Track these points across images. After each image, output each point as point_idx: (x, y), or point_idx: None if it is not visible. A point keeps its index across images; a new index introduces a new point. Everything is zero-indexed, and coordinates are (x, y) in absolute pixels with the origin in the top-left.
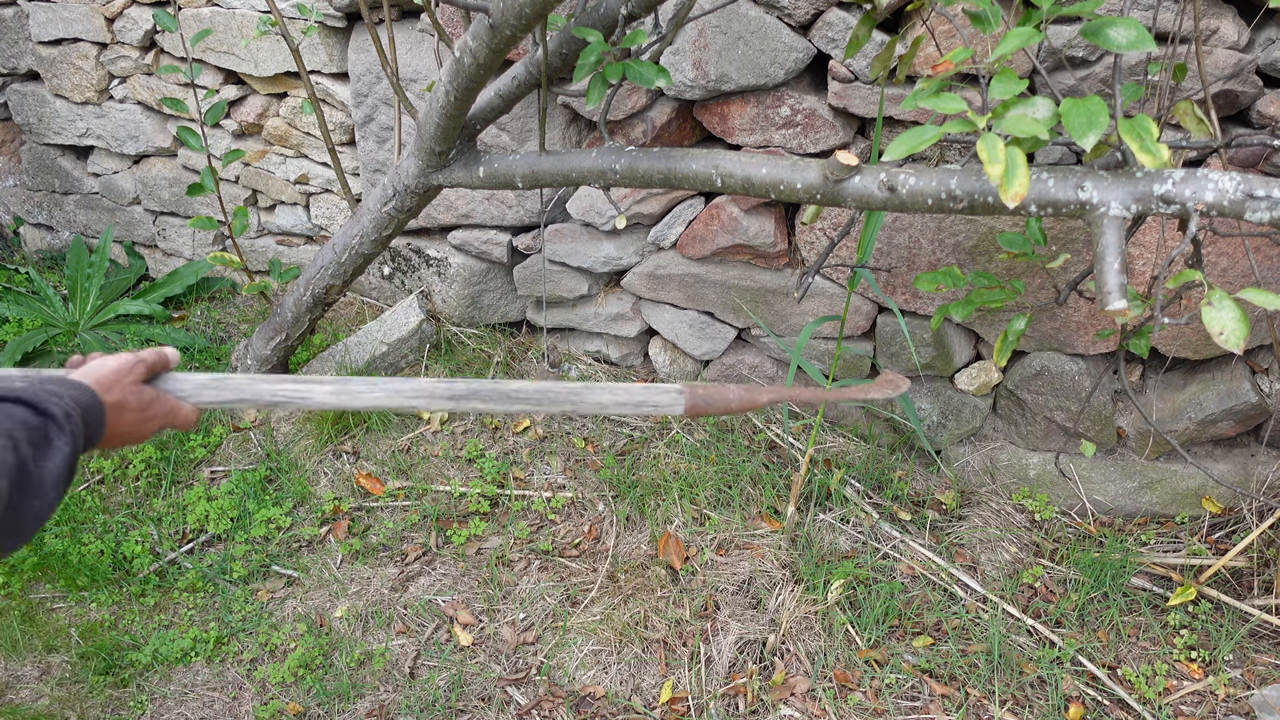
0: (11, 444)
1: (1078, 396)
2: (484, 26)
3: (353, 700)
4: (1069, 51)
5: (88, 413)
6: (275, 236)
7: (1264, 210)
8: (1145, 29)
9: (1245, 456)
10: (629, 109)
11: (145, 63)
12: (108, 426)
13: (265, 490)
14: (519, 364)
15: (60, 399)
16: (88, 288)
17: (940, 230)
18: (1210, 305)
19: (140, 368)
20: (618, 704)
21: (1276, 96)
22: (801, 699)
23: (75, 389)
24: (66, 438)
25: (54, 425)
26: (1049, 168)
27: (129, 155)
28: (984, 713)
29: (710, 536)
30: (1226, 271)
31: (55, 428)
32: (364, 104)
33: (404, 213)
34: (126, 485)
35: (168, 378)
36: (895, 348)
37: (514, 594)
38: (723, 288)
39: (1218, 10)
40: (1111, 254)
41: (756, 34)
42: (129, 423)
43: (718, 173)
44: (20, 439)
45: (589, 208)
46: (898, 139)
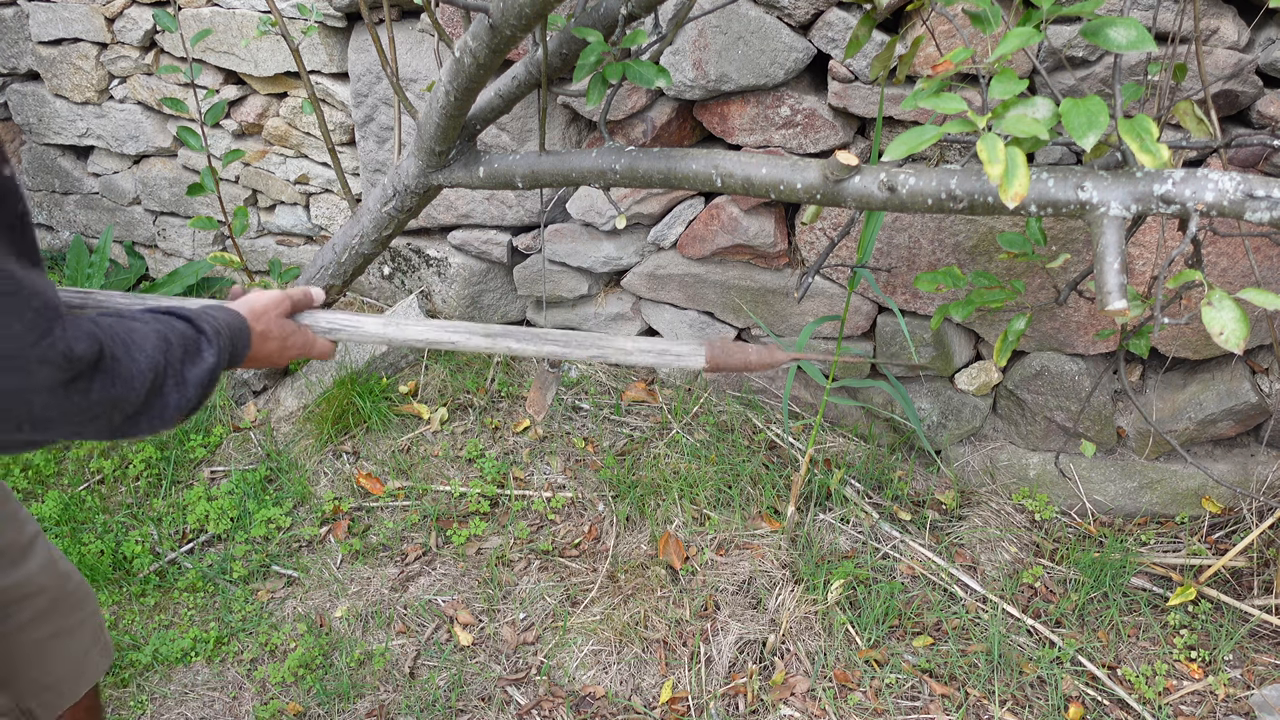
0: (166, 347)
1: (1078, 396)
2: (484, 26)
3: (353, 700)
4: (1069, 51)
5: (236, 335)
6: (275, 236)
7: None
8: (1145, 29)
9: (1245, 456)
10: (629, 109)
11: (145, 63)
12: (252, 349)
13: (265, 490)
14: (519, 364)
15: (214, 320)
16: (88, 288)
17: (940, 230)
18: (1210, 305)
19: (286, 303)
20: (618, 704)
21: (1276, 96)
22: (801, 699)
23: (229, 314)
24: (213, 350)
25: (205, 339)
26: (1049, 168)
27: (129, 155)
28: (984, 712)
29: (710, 536)
30: (1226, 271)
31: (205, 341)
32: (364, 104)
33: (404, 213)
34: (126, 485)
35: (309, 314)
36: (895, 348)
37: (514, 594)
38: (723, 288)
39: (1218, 10)
40: (1111, 254)
41: (756, 34)
42: (271, 349)
43: (718, 173)
44: (175, 344)
45: (589, 208)
46: (898, 139)
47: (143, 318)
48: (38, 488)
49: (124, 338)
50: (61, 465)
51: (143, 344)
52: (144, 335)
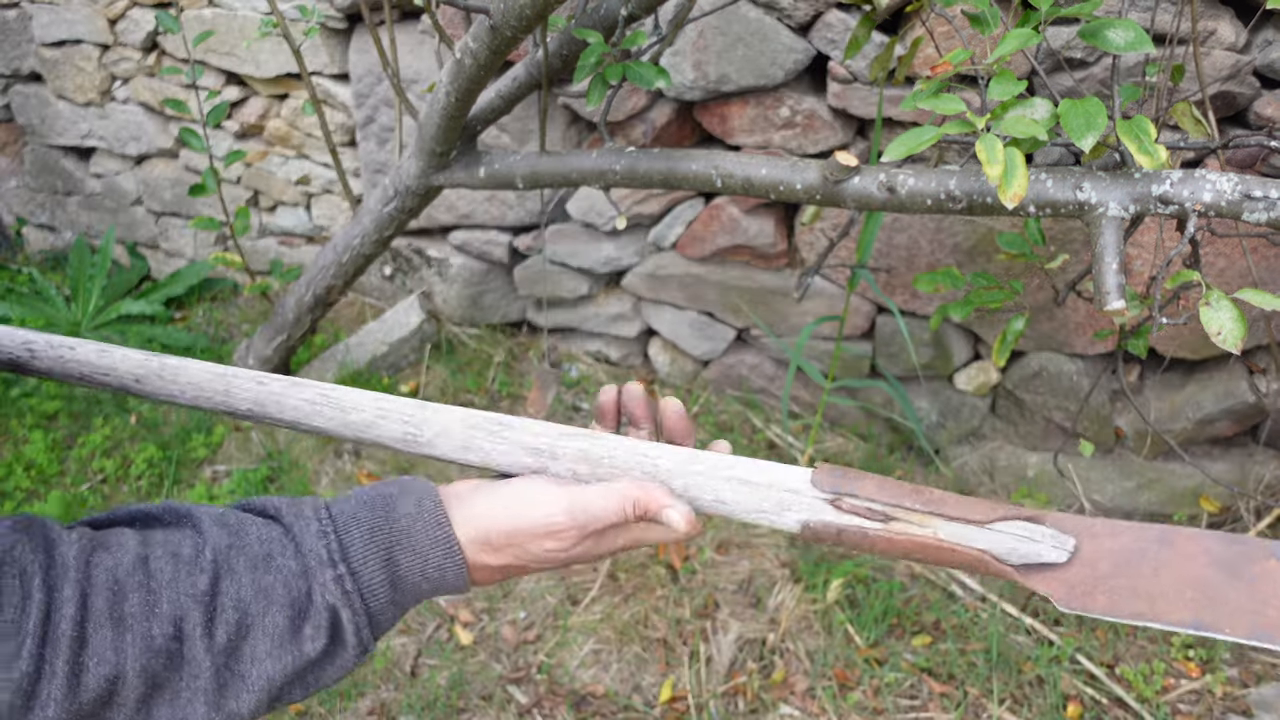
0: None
1: (1076, 396)
2: (484, 28)
3: (354, 699)
4: (1067, 53)
5: (416, 594)
6: (277, 237)
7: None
8: (1143, 30)
9: (1243, 456)
10: (629, 110)
11: (147, 64)
12: (467, 584)
13: (267, 489)
14: (519, 364)
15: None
16: (90, 288)
17: (939, 231)
18: (1208, 305)
19: (602, 523)
20: (618, 703)
21: (1274, 98)
22: (801, 698)
23: (416, 558)
24: (322, 640)
25: (313, 622)
26: (1047, 168)
27: (131, 156)
28: (983, 711)
29: (710, 536)
30: (1224, 272)
31: (316, 626)
32: (365, 105)
33: (405, 213)
34: (129, 484)
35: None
36: (894, 348)
37: (514, 593)
38: (722, 288)
39: (1215, 12)
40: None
41: (756, 35)
42: (514, 574)
43: (717, 173)
44: (220, 619)
45: (589, 208)
46: (897, 140)
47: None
48: (40, 487)
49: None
50: (64, 465)
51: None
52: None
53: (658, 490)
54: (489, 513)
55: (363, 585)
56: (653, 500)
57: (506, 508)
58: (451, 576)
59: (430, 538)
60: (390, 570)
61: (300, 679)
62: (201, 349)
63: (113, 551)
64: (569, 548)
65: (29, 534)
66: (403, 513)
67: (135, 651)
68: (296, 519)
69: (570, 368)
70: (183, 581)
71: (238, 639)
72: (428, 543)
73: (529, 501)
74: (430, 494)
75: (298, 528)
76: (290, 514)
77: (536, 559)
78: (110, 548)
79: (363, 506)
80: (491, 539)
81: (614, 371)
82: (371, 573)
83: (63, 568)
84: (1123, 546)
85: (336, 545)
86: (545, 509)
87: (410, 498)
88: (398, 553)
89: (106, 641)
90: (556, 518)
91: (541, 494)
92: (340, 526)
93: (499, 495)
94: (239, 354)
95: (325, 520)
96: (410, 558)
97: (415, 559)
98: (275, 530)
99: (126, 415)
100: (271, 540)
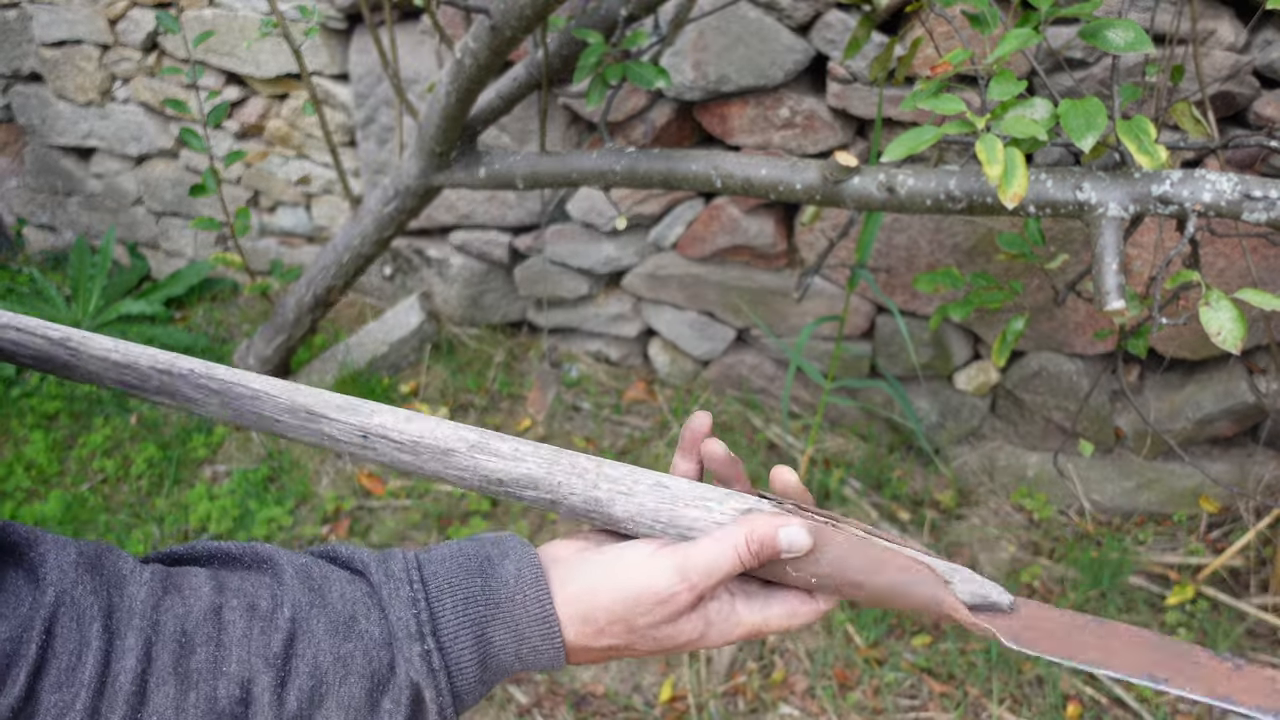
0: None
1: (1076, 396)
2: (485, 28)
3: None
4: (1067, 53)
5: (505, 673)
6: (277, 237)
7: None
8: (1143, 31)
9: (1242, 456)
10: (629, 110)
11: (147, 64)
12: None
13: (267, 489)
14: (520, 364)
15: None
16: (90, 288)
17: (939, 231)
18: (1208, 305)
19: (692, 595)
20: (618, 702)
21: (1274, 98)
22: (801, 697)
23: (512, 634)
24: (400, 717)
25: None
26: (1047, 168)
27: (131, 156)
28: (983, 711)
29: None
30: (1224, 272)
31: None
32: (365, 105)
33: (405, 213)
34: (129, 484)
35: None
36: (894, 348)
37: None
38: (722, 288)
39: (1215, 12)
40: (1109, 254)
41: (756, 35)
42: (612, 657)
43: (717, 173)
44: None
45: (589, 208)
46: (896, 140)
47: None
48: (40, 486)
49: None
50: (64, 464)
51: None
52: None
53: (764, 516)
54: (593, 581)
55: (450, 663)
56: (766, 526)
57: (613, 574)
58: (548, 657)
59: (529, 615)
60: (482, 649)
61: None
62: (202, 349)
63: (185, 596)
64: (682, 613)
65: (94, 572)
66: (501, 580)
67: (198, 713)
68: (386, 579)
69: (570, 368)
70: (256, 640)
71: (310, 708)
72: (526, 620)
73: (635, 566)
74: (531, 560)
75: (386, 590)
76: (379, 573)
77: (645, 638)
78: (183, 592)
79: (459, 570)
80: (596, 616)
81: (614, 371)
82: (462, 649)
83: (128, 612)
84: (1063, 617)
85: (427, 616)
86: (652, 573)
87: (510, 563)
88: (492, 629)
89: (169, 700)
90: (666, 578)
91: (648, 558)
92: (432, 594)
93: (603, 561)
94: (239, 354)
95: (416, 584)
96: (505, 635)
97: (511, 637)
98: (361, 590)
99: (127, 415)
100: (356, 601)
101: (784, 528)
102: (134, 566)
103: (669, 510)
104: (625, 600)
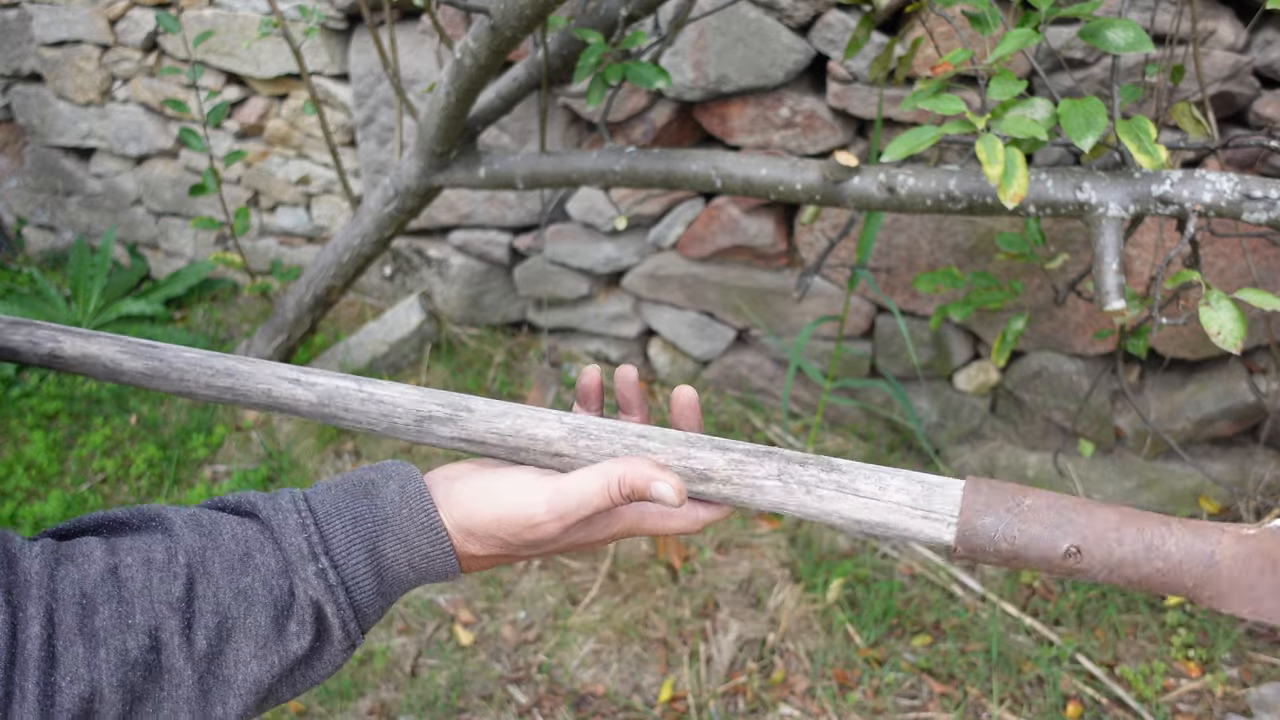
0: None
1: (1076, 396)
2: (484, 28)
3: (354, 699)
4: (1067, 53)
5: (403, 584)
6: (277, 237)
7: (1261, 211)
8: (1143, 30)
9: (1243, 456)
10: (629, 110)
11: (147, 64)
12: (457, 573)
13: (267, 490)
14: (519, 364)
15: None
16: (90, 288)
17: (939, 231)
18: (1208, 305)
19: (580, 515)
20: (618, 702)
21: (1274, 98)
22: (801, 698)
23: (399, 545)
24: (307, 637)
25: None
26: (1047, 168)
27: (131, 156)
28: (983, 711)
29: (710, 536)
30: (1224, 272)
31: (300, 622)
32: (365, 105)
33: (405, 213)
34: (129, 484)
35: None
36: (894, 348)
37: (514, 593)
38: (722, 288)
39: (1215, 12)
40: (1110, 254)
41: (756, 35)
42: (500, 563)
43: (717, 173)
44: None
45: (589, 208)
46: (897, 140)
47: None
48: (40, 486)
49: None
50: (64, 465)
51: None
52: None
53: (643, 464)
54: (471, 501)
55: (347, 578)
56: (639, 475)
57: (490, 497)
58: (440, 564)
59: (416, 525)
60: (375, 561)
61: (288, 678)
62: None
63: (78, 563)
64: (555, 537)
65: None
66: (386, 499)
67: (110, 666)
68: (274, 513)
69: (570, 368)
70: (156, 589)
71: (219, 643)
72: (414, 530)
73: (509, 492)
74: (414, 478)
75: (276, 522)
76: (267, 509)
77: (524, 549)
78: (76, 559)
79: (343, 495)
80: (475, 530)
81: (612, 371)
82: (356, 564)
83: (25, 585)
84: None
85: (318, 538)
86: (524, 502)
87: (393, 483)
88: (382, 542)
89: (79, 658)
90: (536, 510)
91: (522, 486)
92: (321, 518)
93: (481, 484)
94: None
95: (305, 512)
96: (396, 546)
97: (401, 547)
98: (252, 528)
99: (126, 415)
100: (248, 538)
101: (656, 482)
102: (21, 544)
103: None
104: (500, 521)
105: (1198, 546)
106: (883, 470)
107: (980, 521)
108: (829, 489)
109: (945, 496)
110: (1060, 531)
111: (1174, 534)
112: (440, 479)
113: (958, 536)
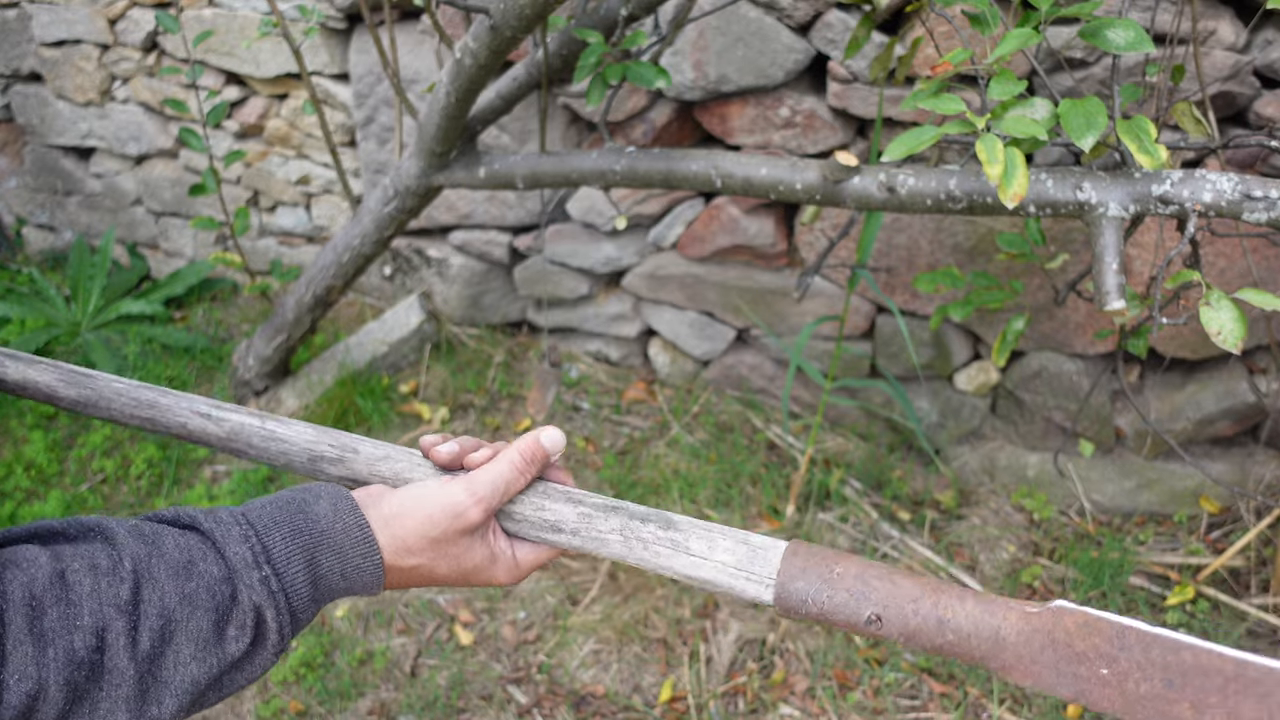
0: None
1: (1076, 396)
2: (484, 28)
3: (354, 698)
4: (1067, 53)
5: (333, 593)
6: (276, 237)
7: (1261, 211)
8: (1143, 30)
9: (1243, 456)
10: (629, 110)
11: (147, 64)
12: (385, 585)
13: (267, 490)
14: (519, 364)
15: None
16: (90, 288)
17: (939, 231)
18: (1208, 305)
19: (476, 512)
20: (618, 702)
21: (1274, 97)
22: (801, 698)
23: (338, 559)
24: (246, 639)
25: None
26: (1048, 168)
27: (131, 156)
28: (983, 711)
29: None
30: (1224, 272)
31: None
32: (365, 105)
33: (405, 213)
34: (129, 484)
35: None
36: (894, 348)
37: (514, 593)
38: (722, 288)
39: (1215, 11)
40: (1110, 254)
41: (756, 35)
42: (424, 582)
43: (717, 173)
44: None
45: (589, 208)
46: (897, 140)
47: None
48: (40, 486)
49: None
50: (64, 465)
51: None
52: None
53: (527, 436)
54: (402, 510)
55: (287, 585)
56: (530, 441)
57: (417, 501)
58: (368, 576)
59: (350, 538)
60: (312, 570)
61: (220, 680)
62: (201, 349)
63: (24, 568)
64: (475, 527)
65: None
66: (319, 514)
67: (58, 665)
68: (215, 525)
69: (570, 368)
70: (105, 592)
71: (162, 645)
72: (348, 543)
73: (432, 494)
74: (344, 495)
75: (218, 534)
76: (208, 522)
77: (446, 555)
78: (21, 564)
79: (279, 510)
80: (406, 537)
81: (614, 371)
82: (295, 573)
83: None
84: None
85: (260, 549)
86: (447, 493)
87: (323, 501)
88: (319, 553)
89: (28, 657)
90: (458, 498)
91: (440, 486)
92: (260, 531)
93: (404, 494)
94: (239, 354)
95: (245, 525)
96: (331, 558)
97: (336, 559)
98: (193, 538)
99: None
100: (190, 548)
101: (542, 433)
102: None
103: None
104: (429, 518)
105: (986, 621)
106: (715, 530)
107: (794, 585)
108: (664, 546)
109: (766, 560)
110: (864, 600)
111: (965, 609)
112: (365, 497)
113: (775, 597)
